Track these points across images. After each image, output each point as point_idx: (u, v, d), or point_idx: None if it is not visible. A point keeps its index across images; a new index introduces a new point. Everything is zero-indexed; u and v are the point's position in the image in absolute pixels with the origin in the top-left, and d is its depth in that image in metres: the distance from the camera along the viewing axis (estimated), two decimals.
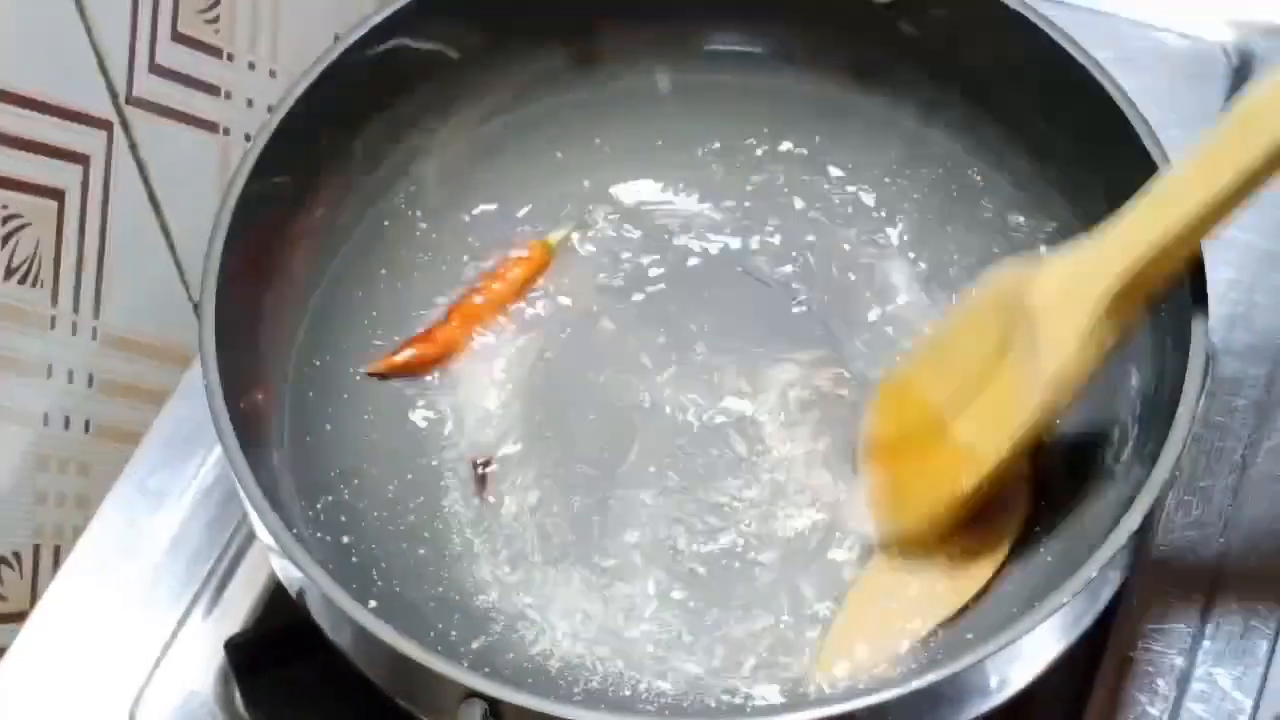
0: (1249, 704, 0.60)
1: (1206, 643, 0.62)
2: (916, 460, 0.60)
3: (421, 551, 0.62)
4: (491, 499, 0.64)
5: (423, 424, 0.66)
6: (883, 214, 0.70)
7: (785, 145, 0.71)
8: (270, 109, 0.61)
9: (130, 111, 0.70)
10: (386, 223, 0.67)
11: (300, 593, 0.54)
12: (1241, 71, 0.79)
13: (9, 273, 0.66)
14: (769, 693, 0.58)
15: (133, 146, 0.71)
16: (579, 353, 0.68)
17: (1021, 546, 0.60)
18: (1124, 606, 0.62)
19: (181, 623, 0.65)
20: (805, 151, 0.71)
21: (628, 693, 0.59)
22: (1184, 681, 0.61)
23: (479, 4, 0.66)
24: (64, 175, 0.67)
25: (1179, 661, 0.61)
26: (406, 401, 0.66)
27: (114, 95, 0.69)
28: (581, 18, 0.67)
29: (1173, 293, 0.54)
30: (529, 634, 0.60)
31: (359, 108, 0.64)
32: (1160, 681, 0.61)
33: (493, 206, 0.70)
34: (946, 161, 0.68)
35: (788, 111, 0.70)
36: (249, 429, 0.55)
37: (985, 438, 0.56)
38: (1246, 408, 0.68)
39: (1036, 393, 0.54)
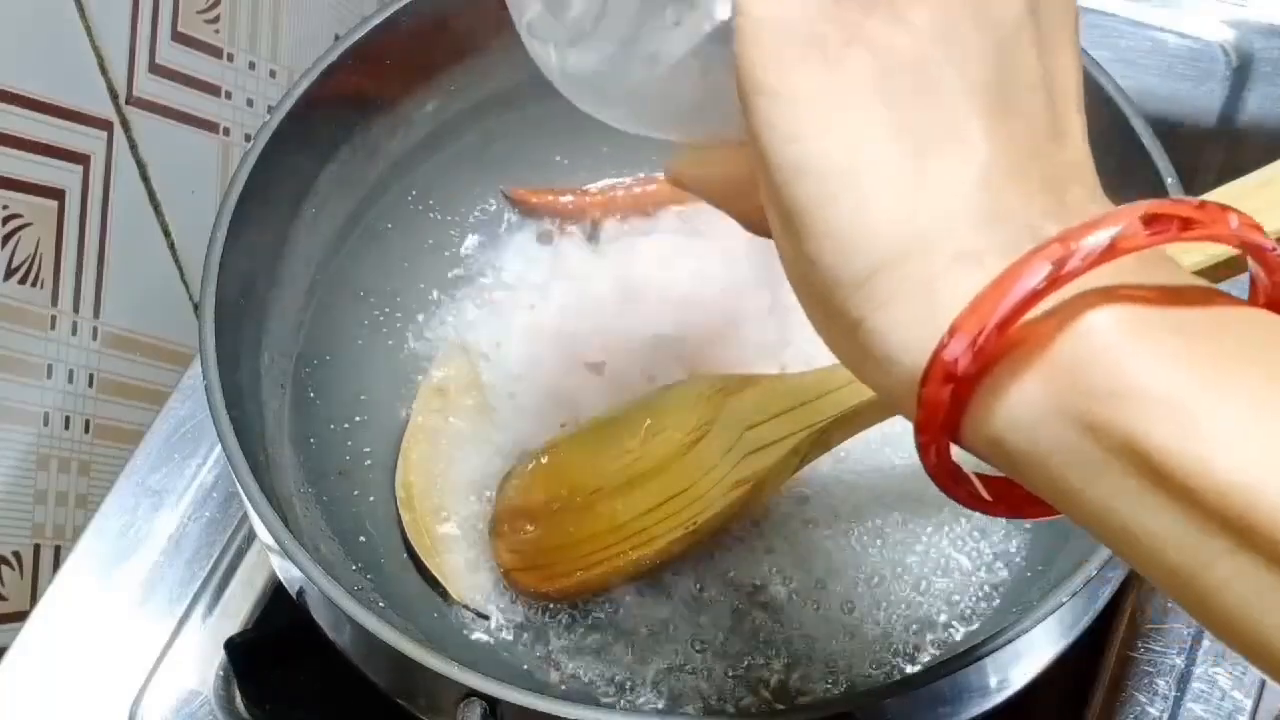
0: (1249, 704, 0.60)
1: (1206, 643, 0.62)
2: (558, 524, 0.60)
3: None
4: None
5: None
6: None
7: None
8: (270, 109, 0.61)
9: (130, 111, 0.70)
10: (388, 224, 0.67)
11: (300, 593, 0.54)
12: (1241, 71, 0.79)
13: (9, 273, 0.66)
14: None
15: (133, 146, 0.71)
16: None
17: (1020, 546, 0.60)
18: (1124, 606, 0.62)
19: (181, 623, 0.65)
20: None
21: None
22: (1184, 681, 0.61)
23: (476, 5, 0.66)
24: (64, 175, 0.67)
25: (1179, 661, 0.61)
26: (407, 401, 0.66)
27: (114, 95, 0.69)
28: None
29: None
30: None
31: (359, 108, 0.64)
32: (1160, 681, 0.61)
33: (493, 206, 0.70)
34: None
35: None
36: (249, 429, 0.55)
37: (662, 521, 0.57)
38: None
39: (723, 496, 0.55)
